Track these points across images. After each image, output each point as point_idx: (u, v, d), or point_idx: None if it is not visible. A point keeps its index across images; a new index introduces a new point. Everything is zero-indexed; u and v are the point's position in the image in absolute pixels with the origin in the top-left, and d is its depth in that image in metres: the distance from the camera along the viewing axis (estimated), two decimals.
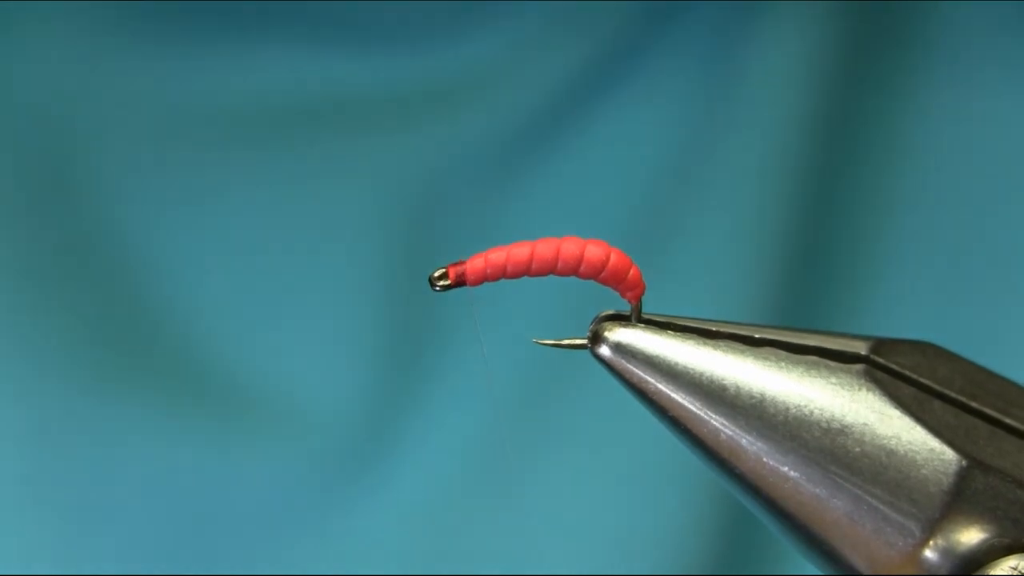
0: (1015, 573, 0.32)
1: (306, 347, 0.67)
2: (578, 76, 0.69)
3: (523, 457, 0.64)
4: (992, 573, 0.32)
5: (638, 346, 0.33)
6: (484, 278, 0.33)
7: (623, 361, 0.33)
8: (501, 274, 0.33)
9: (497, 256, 0.32)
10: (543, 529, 0.64)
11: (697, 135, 0.67)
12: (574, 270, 0.32)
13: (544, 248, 0.32)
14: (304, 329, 0.67)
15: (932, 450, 0.32)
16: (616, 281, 0.33)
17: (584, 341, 0.34)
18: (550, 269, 0.32)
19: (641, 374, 0.33)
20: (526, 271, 0.32)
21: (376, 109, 0.68)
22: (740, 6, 0.68)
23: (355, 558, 0.65)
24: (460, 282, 0.33)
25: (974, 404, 0.34)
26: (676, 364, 0.33)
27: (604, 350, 0.33)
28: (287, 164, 0.68)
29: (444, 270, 0.33)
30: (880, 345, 0.34)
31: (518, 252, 0.32)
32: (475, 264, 0.33)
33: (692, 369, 0.33)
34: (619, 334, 0.33)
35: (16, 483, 0.65)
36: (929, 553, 0.32)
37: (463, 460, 0.65)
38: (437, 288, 0.33)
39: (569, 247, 0.32)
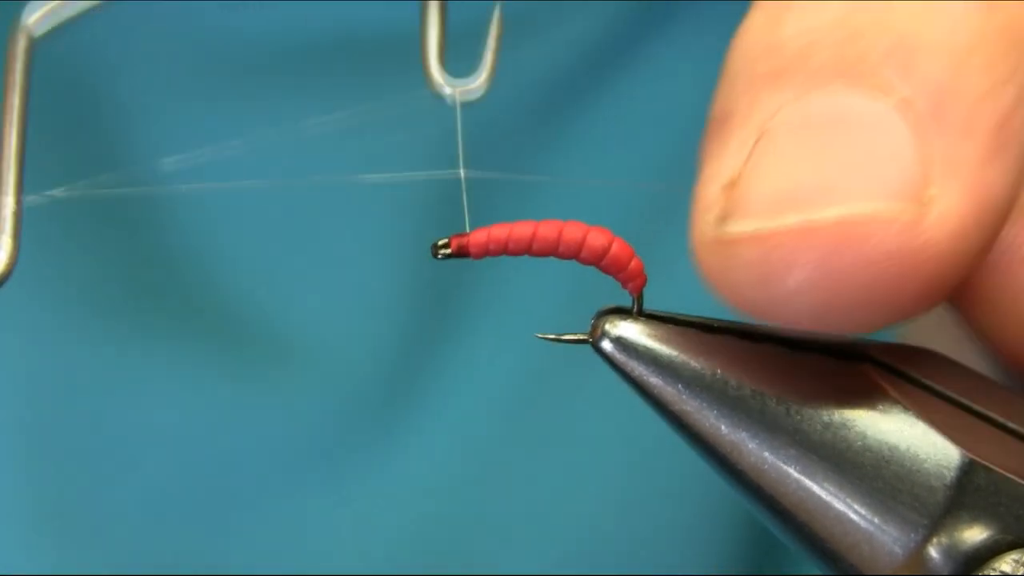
0: (1019, 569, 0.31)
1: (331, 300, 0.65)
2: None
3: (522, 454, 0.64)
4: (995, 568, 0.31)
5: (639, 340, 0.33)
6: (486, 252, 0.33)
7: (625, 355, 0.33)
8: (503, 250, 0.33)
9: (500, 231, 0.33)
10: (542, 528, 0.63)
11: None
12: (575, 254, 0.33)
13: (546, 229, 0.33)
14: (330, 280, 0.65)
15: (934, 445, 0.32)
16: (617, 270, 0.33)
17: (585, 336, 0.34)
18: (551, 250, 0.33)
19: (643, 368, 0.33)
20: (528, 249, 0.33)
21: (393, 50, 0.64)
22: None
23: (372, 517, 0.64)
24: (462, 253, 0.33)
25: (976, 407, 0.34)
26: (678, 359, 0.33)
27: (606, 344, 0.33)
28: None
29: (447, 239, 0.33)
30: (882, 347, 0.34)
31: (521, 229, 0.33)
32: (478, 237, 0.33)
33: (694, 364, 0.33)
34: (621, 328, 0.33)
35: (32, 430, 0.63)
36: (932, 551, 0.32)
37: (476, 438, 0.65)
38: (439, 256, 0.33)
39: (572, 231, 0.32)
